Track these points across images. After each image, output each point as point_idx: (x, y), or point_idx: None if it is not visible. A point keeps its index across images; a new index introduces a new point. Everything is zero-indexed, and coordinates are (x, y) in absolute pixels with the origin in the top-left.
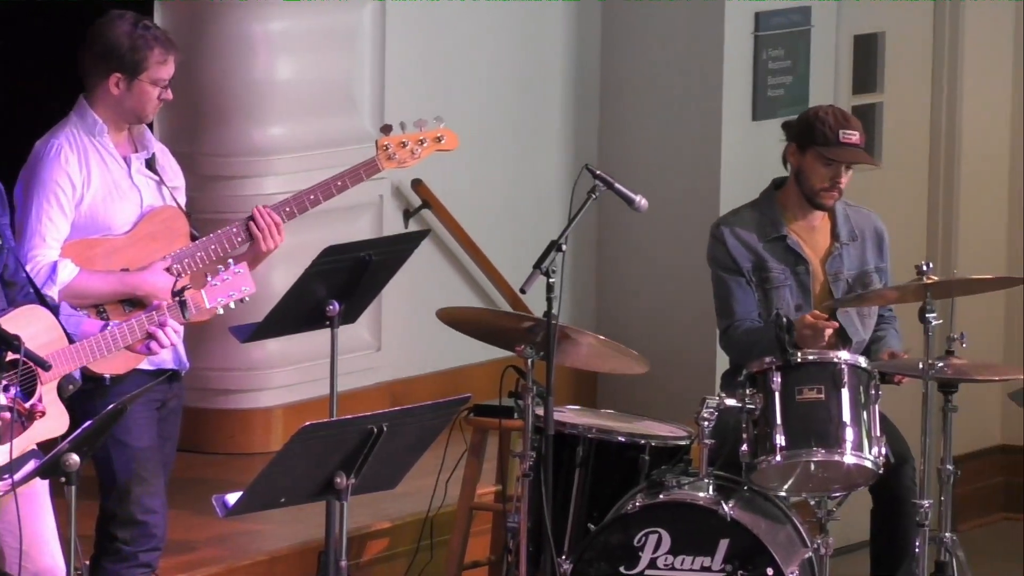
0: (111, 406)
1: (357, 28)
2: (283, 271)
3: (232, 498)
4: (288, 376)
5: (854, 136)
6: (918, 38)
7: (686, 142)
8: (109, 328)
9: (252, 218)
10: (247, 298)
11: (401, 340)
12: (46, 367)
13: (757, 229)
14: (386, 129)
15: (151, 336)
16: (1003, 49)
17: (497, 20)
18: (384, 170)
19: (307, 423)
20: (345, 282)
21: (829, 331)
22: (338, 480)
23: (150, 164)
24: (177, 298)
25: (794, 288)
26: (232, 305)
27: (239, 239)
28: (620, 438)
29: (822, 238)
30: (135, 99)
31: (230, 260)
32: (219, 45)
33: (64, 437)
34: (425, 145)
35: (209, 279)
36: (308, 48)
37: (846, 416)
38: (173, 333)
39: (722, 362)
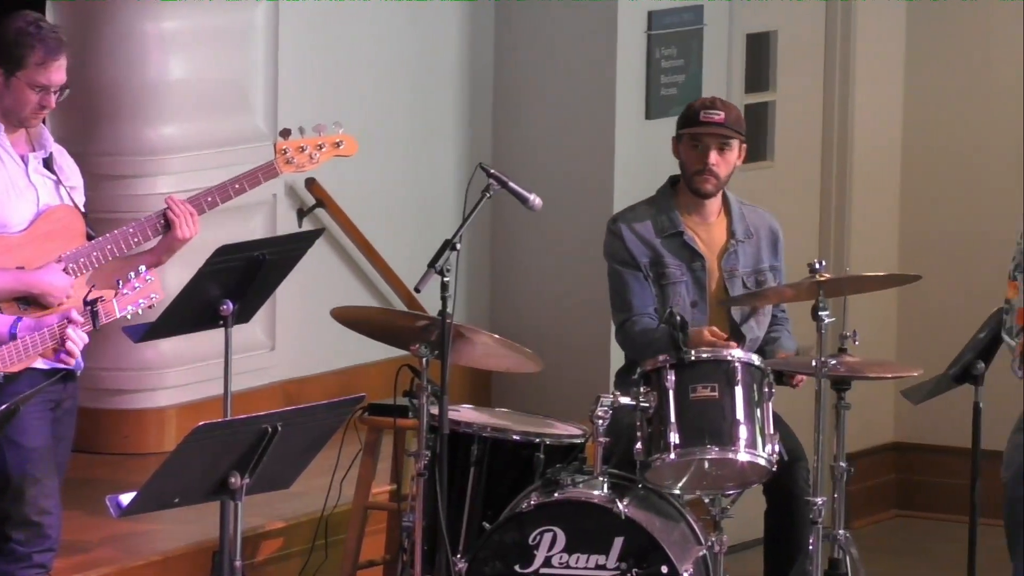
0: (4, 406)
1: (250, 28)
2: (177, 271)
3: (126, 498)
4: (182, 376)
5: (716, 115)
6: (810, 37)
7: (580, 141)
8: (21, 339)
9: (168, 207)
10: (154, 304)
11: (295, 339)
12: None
13: (654, 225)
14: (285, 133)
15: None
16: (894, 48)
17: (390, 20)
18: (282, 174)
19: (201, 423)
20: (239, 282)
21: (729, 349)
22: (232, 480)
23: (47, 163)
24: (89, 308)
25: (690, 284)
26: (140, 312)
27: (135, 239)
28: (515, 437)
29: (718, 235)
30: (12, 98)
31: (141, 267)
32: (112, 44)
33: None
34: (324, 150)
35: (121, 287)
36: (201, 47)
37: (740, 414)
38: (80, 340)
39: (616, 360)
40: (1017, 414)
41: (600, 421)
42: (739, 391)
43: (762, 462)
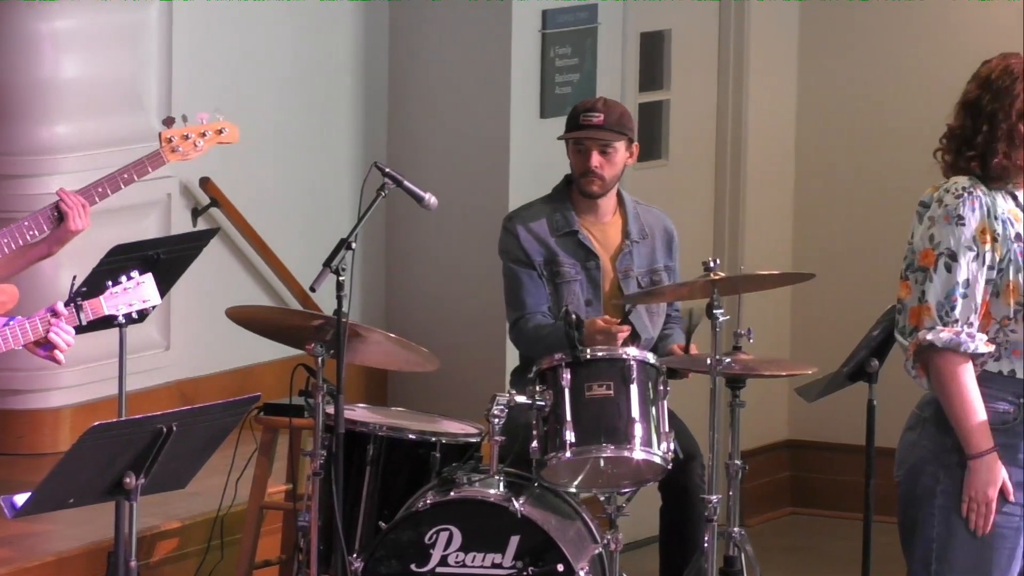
0: None
1: (144, 26)
2: (70, 271)
3: (20, 499)
4: (76, 376)
5: (596, 118)
6: (704, 36)
7: (475, 140)
8: (8, 324)
9: (60, 199)
10: (149, 311)
11: (190, 339)
12: None
13: (549, 223)
14: (168, 122)
15: (50, 343)
16: (787, 48)
17: (284, 20)
18: (168, 162)
19: (96, 423)
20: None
21: (622, 335)
22: (127, 480)
23: None
24: (74, 303)
25: (584, 283)
26: (135, 315)
27: (31, 232)
28: (411, 436)
29: (613, 235)
30: None
31: (135, 271)
32: (4, 44)
33: None
34: (207, 137)
35: (110, 286)
36: (94, 47)
37: (635, 412)
38: (66, 333)
39: (512, 359)
40: (910, 411)
41: (496, 420)
42: (634, 389)
43: (657, 460)
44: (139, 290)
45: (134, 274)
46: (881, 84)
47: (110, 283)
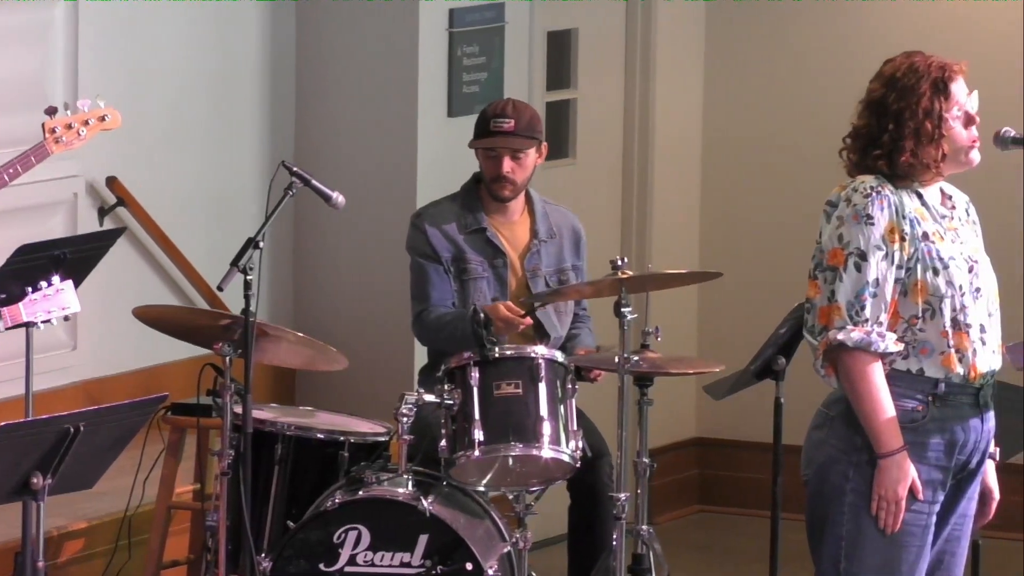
0: None
1: (49, 26)
2: None
3: None
4: None
5: (506, 124)
6: (611, 35)
7: (382, 139)
8: None
9: None
10: (68, 317)
11: (97, 339)
12: None
13: (458, 221)
14: (51, 111)
15: None
16: (694, 47)
17: (191, 19)
18: (53, 153)
19: (2, 423)
20: (40, 282)
21: (523, 326)
22: (34, 480)
23: None
24: None
25: (491, 281)
26: (54, 322)
27: None
28: (319, 435)
29: (521, 234)
30: None
31: (55, 276)
32: None
33: None
34: (91, 125)
35: (30, 293)
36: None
37: (544, 411)
38: None
39: (420, 358)
40: (817, 409)
41: (405, 419)
42: (543, 388)
43: (566, 458)
44: (59, 297)
45: (54, 280)
46: (787, 83)
47: (30, 289)
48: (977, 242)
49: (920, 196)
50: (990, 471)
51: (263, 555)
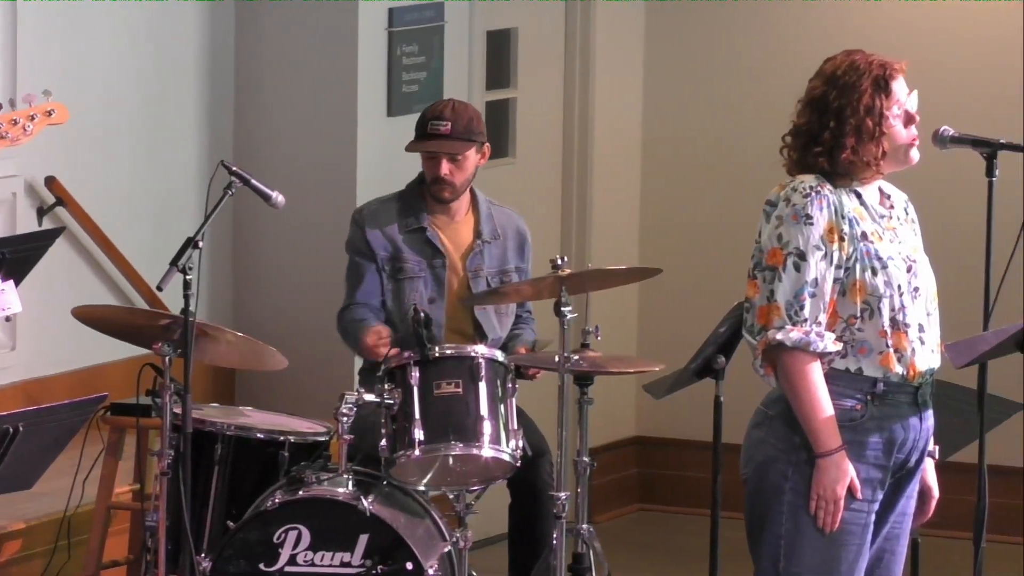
0: None
1: None
2: None
3: None
4: None
5: (444, 126)
6: (550, 35)
7: (322, 138)
8: None
9: None
10: (10, 317)
11: (36, 339)
12: None
13: (398, 219)
14: None
15: None
16: (633, 47)
17: (130, 19)
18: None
19: None
20: None
21: (385, 353)
22: None
23: None
24: None
25: (429, 280)
26: None
27: None
28: (259, 435)
29: (465, 234)
30: None
31: None
32: None
33: None
34: (36, 120)
35: None
36: None
37: (484, 410)
38: None
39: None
40: (756, 408)
41: (345, 418)
42: (483, 387)
43: (506, 458)
44: (1, 297)
45: None
46: (727, 82)
47: None
48: (916, 241)
49: (859, 196)
50: (929, 469)
51: (203, 555)
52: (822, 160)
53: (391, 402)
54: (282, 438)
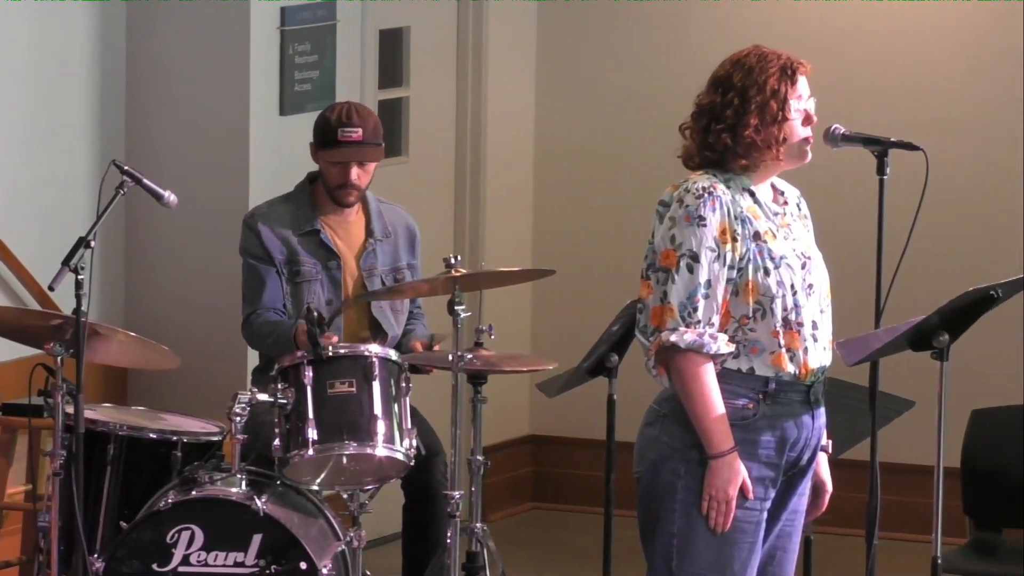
0: None
1: None
2: None
3: None
4: None
5: (355, 133)
6: (443, 33)
7: (214, 137)
8: None
9: None
10: None
11: None
12: None
13: (291, 222)
14: None
15: None
16: (526, 46)
17: (18, 17)
18: None
19: None
20: None
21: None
22: None
23: None
24: None
25: (325, 283)
26: None
27: None
28: (151, 435)
29: (357, 234)
30: None
31: None
32: None
33: None
34: None
35: None
36: None
37: (377, 409)
38: None
39: (253, 357)
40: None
41: (238, 418)
42: (376, 386)
43: (400, 457)
44: None
45: None
46: (620, 83)
47: None
48: (809, 237)
49: (752, 194)
50: (823, 463)
51: (96, 555)
52: (725, 136)
53: (284, 401)
54: (175, 438)
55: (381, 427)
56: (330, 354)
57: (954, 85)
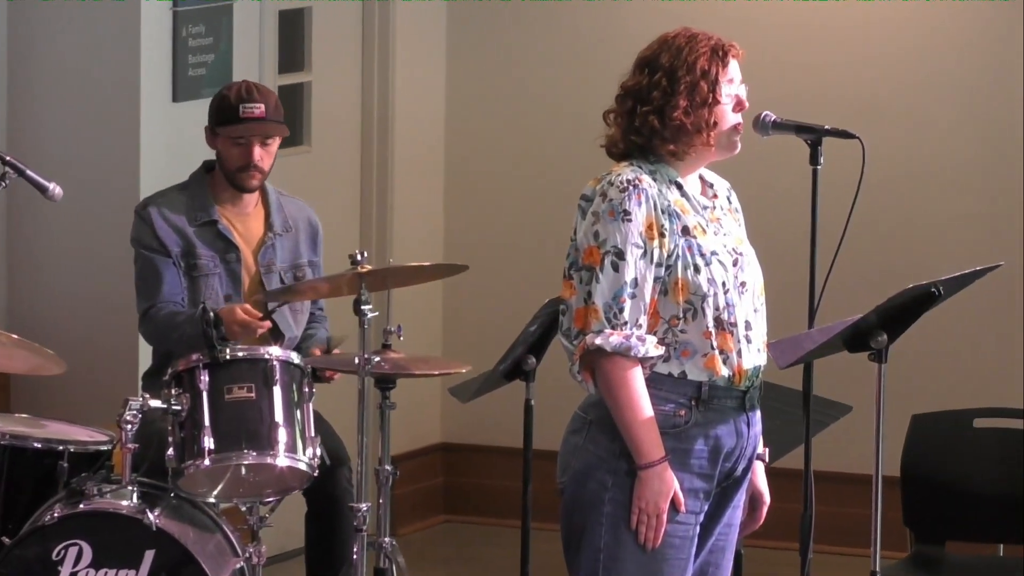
0: None
1: None
2: None
3: None
4: None
5: (257, 108)
6: (347, 14)
7: (103, 125)
8: None
9: None
10: None
11: None
12: None
13: (187, 212)
14: None
15: None
16: (436, 26)
17: None
18: None
19: None
20: None
21: (262, 330)
22: None
23: None
24: None
25: (224, 277)
26: None
27: None
28: (36, 444)
29: (255, 227)
30: None
31: None
32: None
33: None
34: None
35: None
36: None
37: (279, 416)
38: None
39: (145, 360)
40: (572, 412)
41: (129, 426)
42: (277, 392)
43: (303, 467)
44: None
45: None
46: (534, 73)
47: None
48: (740, 232)
49: (680, 187)
50: (759, 474)
51: None
52: (652, 118)
53: (179, 408)
54: (61, 447)
55: (282, 435)
56: (227, 357)
57: (891, 71)
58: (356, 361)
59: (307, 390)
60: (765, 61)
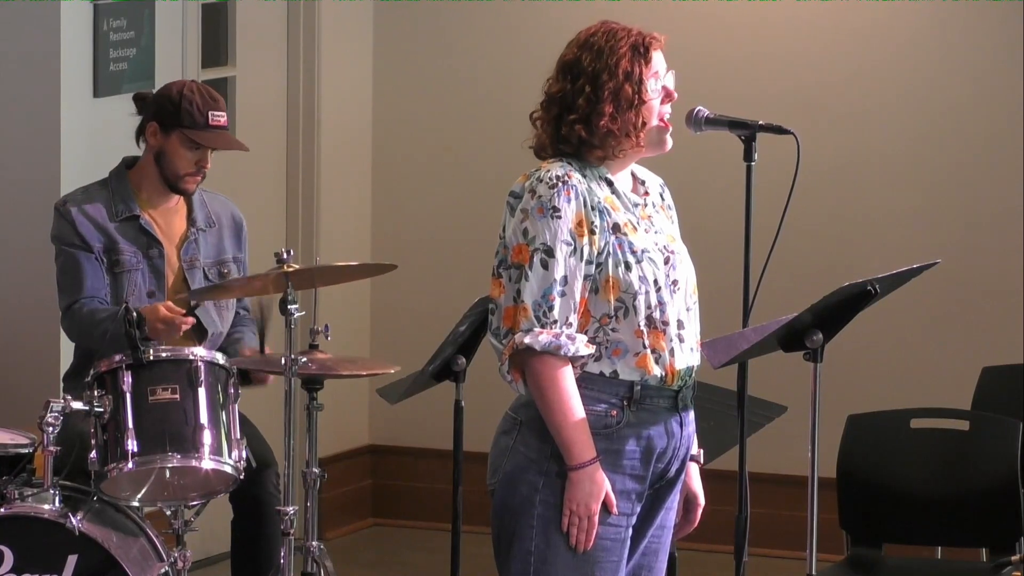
0: None
1: None
2: None
3: None
4: None
5: (223, 118)
6: (271, 7)
7: (22, 121)
8: None
9: None
10: None
11: None
12: None
13: (108, 208)
14: None
15: None
16: (362, 19)
17: None
18: None
19: None
20: None
21: (185, 326)
22: None
23: None
24: None
25: (147, 273)
26: None
27: None
28: None
29: (178, 223)
30: None
31: None
32: None
33: None
34: None
35: None
36: None
37: (203, 418)
38: None
39: (67, 360)
40: (502, 413)
41: (50, 428)
42: (202, 393)
43: (228, 470)
44: None
45: None
46: (461, 71)
47: None
48: (673, 229)
49: (611, 184)
50: (694, 475)
51: None
52: (578, 128)
53: (101, 410)
54: None
55: (207, 437)
56: (150, 358)
57: (825, 67)
58: (283, 362)
59: (232, 391)
60: (697, 56)
